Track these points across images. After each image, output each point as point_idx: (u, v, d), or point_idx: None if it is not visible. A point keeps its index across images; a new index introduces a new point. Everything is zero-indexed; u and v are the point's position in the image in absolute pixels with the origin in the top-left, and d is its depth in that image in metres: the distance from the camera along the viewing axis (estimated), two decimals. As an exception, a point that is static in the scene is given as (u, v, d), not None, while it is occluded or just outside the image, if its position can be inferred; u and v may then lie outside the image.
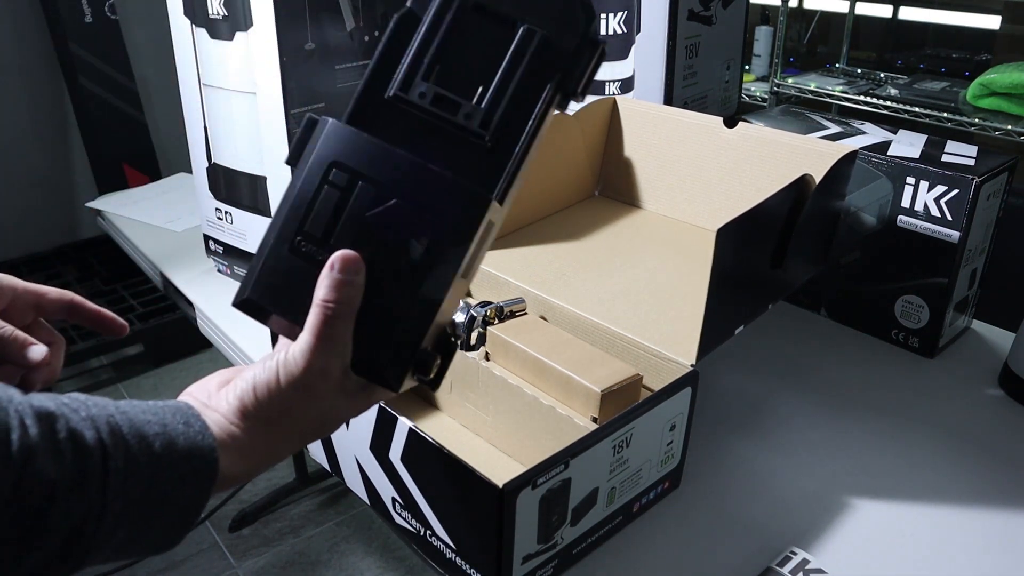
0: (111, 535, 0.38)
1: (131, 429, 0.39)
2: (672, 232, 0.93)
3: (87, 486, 0.36)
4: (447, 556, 0.62)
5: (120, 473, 0.38)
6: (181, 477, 0.40)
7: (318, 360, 0.44)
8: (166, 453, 0.40)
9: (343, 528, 1.84)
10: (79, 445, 0.37)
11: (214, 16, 0.95)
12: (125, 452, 0.38)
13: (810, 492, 0.72)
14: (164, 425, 0.41)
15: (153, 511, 0.40)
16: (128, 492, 0.38)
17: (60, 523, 0.36)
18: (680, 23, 1.00)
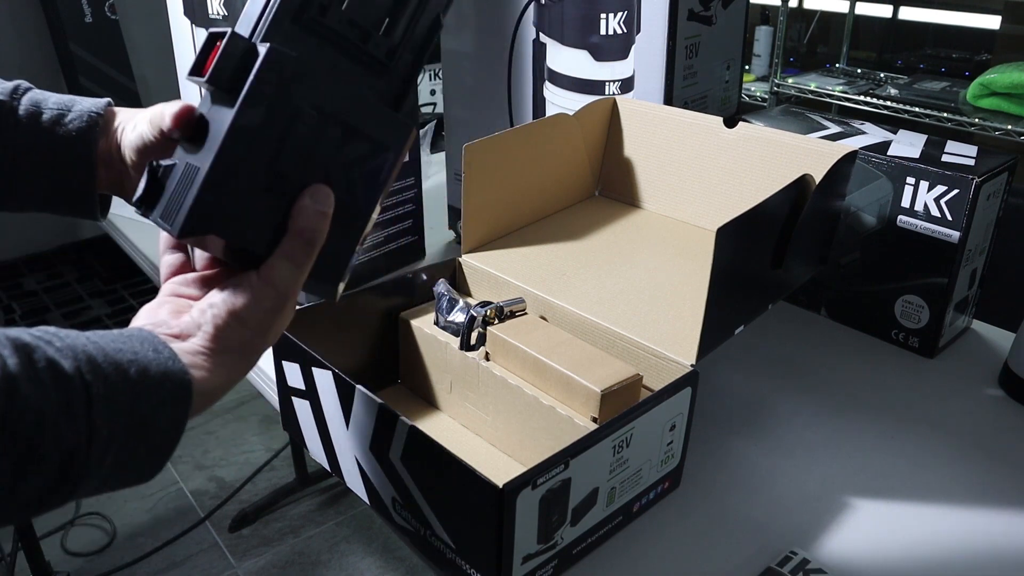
0: (100, 462, 0.38)
1: (105, 358, 0.39)
2: (672, 232, 0.93)
3: (74, 413, 0.37)
4: (447, 556, 0.62)
5: (103, 399, 0.38)
6: (160, 401, 0.41)
7: (295, 286, 0.48)
8: (141, 379, 0.40)
9: (343, 528, 1.84)
10: (59, 374, 0.37)
11: (214, 16, 0.95)
12: (104, 380, 0.39)
13: (810, 492, 0.73)
14: (135, 353, 0.41)
15: (136, 436, 0.40)
16: (112, 418, 0.39)
17: (52, 450, 0.36)
18: (680, 23, 1.01)
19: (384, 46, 0.52)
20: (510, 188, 0.89)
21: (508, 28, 1.02)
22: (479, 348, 0.74)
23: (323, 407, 0.71)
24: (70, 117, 0.59)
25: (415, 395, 0.81)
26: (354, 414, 0.66)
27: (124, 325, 1.23)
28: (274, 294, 0.47)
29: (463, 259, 0.86)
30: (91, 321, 2.12)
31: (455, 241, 1.17)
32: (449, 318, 0.77)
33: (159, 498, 1.92)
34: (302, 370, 0.71)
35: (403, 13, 0.52)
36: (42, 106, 0.60)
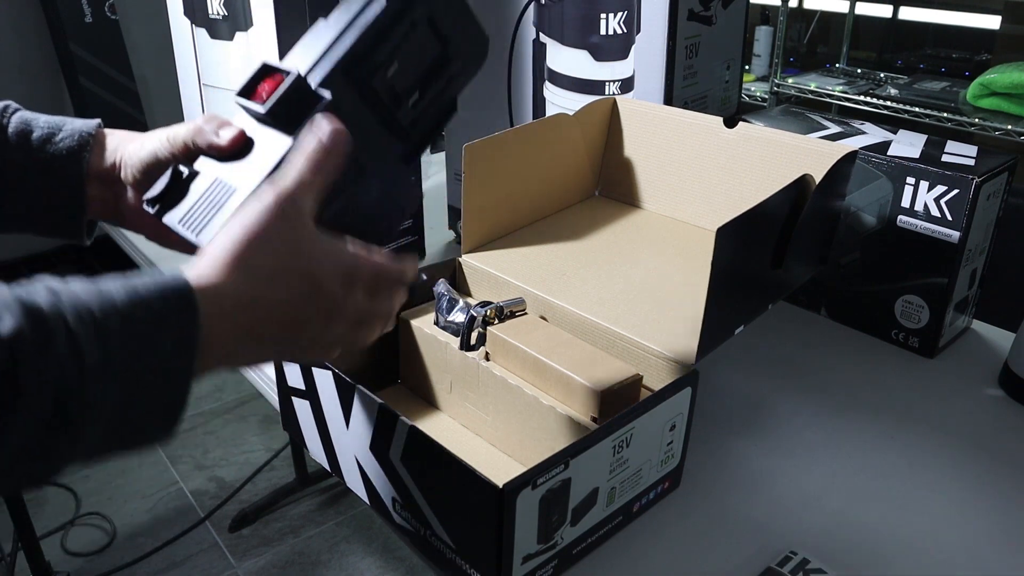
0: (102, 394, 0.36)
1: (84, 286, 0.38)
2: (672, 232, 0.93)
3: (52, 338, 0.35)
4: (447, 556, 0.62)
5: (88, 323, 0.36)
6: (158, 318, 0.38)
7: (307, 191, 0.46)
8: (132, 298, 0.38)
9: (343, 528, 1.84)
10: (27, 305, 0.35)
11: (214, 16, 0.95)
12: (86, 306, 0.37)
13: (810, 492, 0.73)
14: (120, 281, 0.39)
15: (139, 363, 0.38)
16: (105, 340, 0.36)
17: (34, 381, 0.34)
18: (680, 23, 1.00)
19: (409, 116, 0.56)
20: (510, 188, 0.89)
21: (508, 28, 1.02)
22: (479, 348, 0.74)
23: (323, 407, 0.71)
24: (60, 137, 0.58)
25: (415, 395, 0.81)
26: (354, 414, 0.66)
27: (124, 325, 1.17)
28: (270, 192, 0.45)
29: (463, 259, 0.86)
30: (91, 321, 2.12)
31: (455, 241, 1.17)
32: (449, 318, 0.77)
33: (159, 498, 1.92)
34: (302, 370, 0.72)
35: (431, 89, 0.57)
36: (32, 125, 0.59)
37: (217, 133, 0.52)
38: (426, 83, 0.57)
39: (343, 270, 0.47)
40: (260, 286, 0.43)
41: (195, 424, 2.17)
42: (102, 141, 0.60)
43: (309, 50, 0.52)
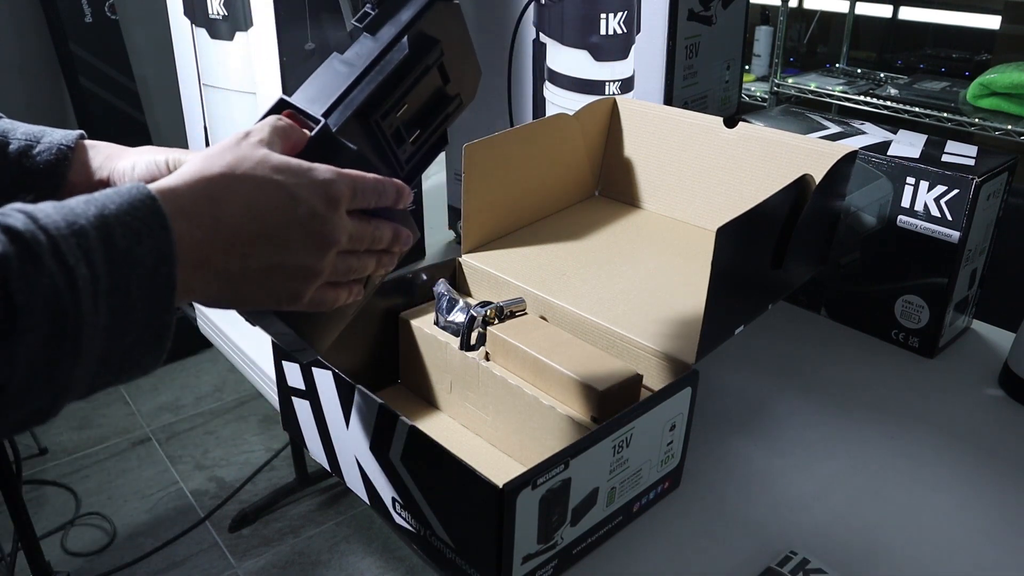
0: (94, 307, 0.37)
1: (56, 207, 0.37)
2: (672, 232, 0.93)
3: (38, 257, 0.35)
4: (447, 556, 0.62)
5: (67, 240, 0.36)
6: (133, 231, 0.38)
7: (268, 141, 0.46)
8: (103, 213, 0.38)
9: (343, 528, 1.84)
10: (8, 229, 0.35)
11: (214, 16, 0.95)
12: (64, 223, 0.37)
13: (810, 492, 0.73)
14: (89, 197, 0.39)
15: (123, 275, 0.38)
16: (88, 254, 0.36)
17: (28, 298, 0.34)
18: (680, 23, 1.00)
19: (407, 152, 0.59)
20: (510, 188, 0.89)
21: (508, 28, 1.02)
22: (479, 348, 0.74)
23: (323, 407, 0.71)
24: (38, 149, 0.56)
25: (415, 395, 0.81)
26: (354, 414, 0.66)
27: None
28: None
29: (463, 259, 0.86)
30: (91, 321, 2.12)
31: (455, 241, 1.17)
32: (449, 318, 0.77)
33: (159, 498, 1.92)
34: (302, 370, 0.72)
35: (431, 126, 0.60)
36: (9, 136, 0.56)
37: None
38: (427, 121, 0.60)
39: (317, 181, 0.46)
40: (219, 187, 0.43)
41: (195, 424, 2.17)
42: (83, 155, 0.57)
43: (326, 91, 0.54)
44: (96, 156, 0.57)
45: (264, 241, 0.44)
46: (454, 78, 0.61)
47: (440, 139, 0.62)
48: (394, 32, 0.56)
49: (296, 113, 0.52)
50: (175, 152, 0.55)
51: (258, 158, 0.45)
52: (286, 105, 0.52)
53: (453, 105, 0.62)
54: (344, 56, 0.56)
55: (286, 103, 0.53)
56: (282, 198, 0.45)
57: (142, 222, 0.39)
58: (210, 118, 1.03)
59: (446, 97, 0.61)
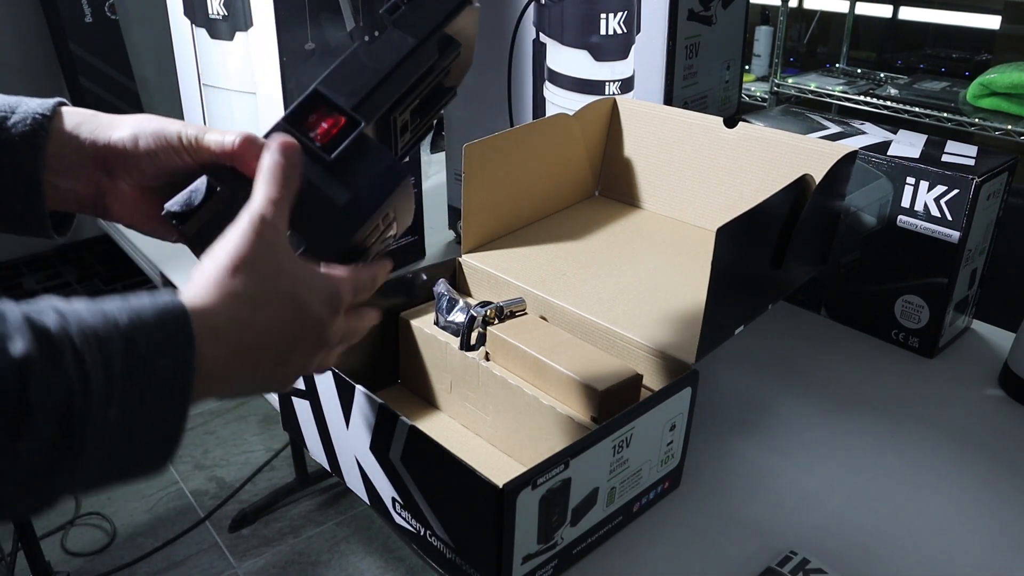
0: (103, 414, 0.37)
1: (90, 308, 0.38)
2: (672, 232, 0.93)
3: (60, 361, 0.35)
4: (447, 556, 0.62)
5: (92, 345, 0.36)
6: (159, 343, 0.39)
7: (271, 210, 0.46)
8: (136, 323, 0.38)
9: (343, 528, 1.84)
10: (37, 327, 0.36)
11: (214, 16, 0.95)
12: (92, 329, 0.37)
13: (810, 492, 0.73)
14: (125, 299, 0.39)
15: (139, 385, 0.38)
16: (108, 363, 0.37)
17: (42, 402, 0.35)
18: (680, 23, 1.00)
19: (404, 141, 0.60)
20: (510, 188, 0.89)
21: (508, 28, 1.02)
22: (479, 348, 0.74)
23: (323, 407, 0.71)
24: (13, 120, 0.52)
25: (415, 395, 0.81)
26: (354, 414, 0.66)
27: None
28: (247, 218, 0.45)
29: (463, 259, 0.86)
30: (91, 321, 2.12)
31: (455, 241, 1.17)
32: (449, 318, 0.77)
33: (159, 498, 1.92)
34: (302, 370, 0.71)
35: (429, 116, 0.61)
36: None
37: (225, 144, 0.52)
38: (426, 112, 0.60)
39: (326, 294, 0.48)
40: (247, 308, 0.44)
41: (195, 424, 2.17)
42: (62, 124, 0.53)
43: (355, 85, 0.53)
44: (82, 124, 0.53)
45: (276, 352, 0.46)
46: (453, 72, 0.61)
47: (429, 128, 0.63)
48: (424, 32, 0.56)
49: (330, 107, 0.52)
50: (180, 125, 0.53)
51: (282, 270, 0.46)
52: (322, 99, 0.52)
53: (448, 97, 0.62)
54: (372, 48, 0.55)
55: (321, 97, 0.52)
56: (297, 313, 0.46)
57: (169, 338, 0.39)
58: (210, 118, 1.03)
59: (444, 89, 0.62)
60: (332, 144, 0.51)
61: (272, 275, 0.45)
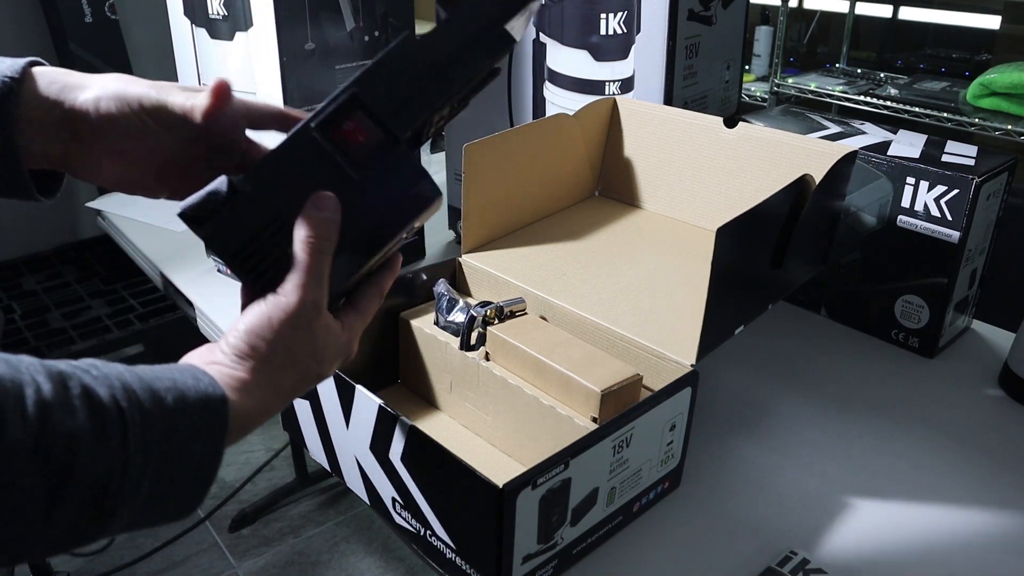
0: (136, 490, 0.38)
1: (142, 385, 0.40)
2: (672, 232, 0.93)
3: (108, 438, 0.37)
4: (447, 556, 0.62)
5: (138, 426, 0.38)
6: (196, 429, 0.41)
7: (310, 295, 0.46)
8: (179, 406, 0.40)
9: (343, 528, 1.84)
10: (93, 401, 0.37)
11: (214, 16, 0.95)
12: (140, 407, 0.39)
13: (810, 492, 0.72)
14: (174, 381, 0.41)
15: (173, 465, 0.40)
16: (147, 445, 0.38)
17: (85, 475, 0.36)
18: (680, 23, 1.00)
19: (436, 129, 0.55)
20: (510, 188, 0.89)
21: (508, 28, 1.02)
22: (479, 348, 0.74)
23: (323, 407, 0.71)
24: None
25: (415, 395, 0.81)
26: (354, 414, 0.66)
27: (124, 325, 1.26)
28: (286, 304, 0.46)
29: (463, 259, 0.86)
30: (91, 321, 2.11)
31: (455, 241, 1.17)
32: (449, 318, 0.77)
33: (159, 498, 1.92)
34: (302, 370, 0.71)
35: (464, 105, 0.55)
36: None
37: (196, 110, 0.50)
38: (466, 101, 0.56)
39: (343, 351, 0.50)
40: (278, 395, 0.47)
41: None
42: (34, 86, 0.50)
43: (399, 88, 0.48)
44: (51, 85, 0.51)
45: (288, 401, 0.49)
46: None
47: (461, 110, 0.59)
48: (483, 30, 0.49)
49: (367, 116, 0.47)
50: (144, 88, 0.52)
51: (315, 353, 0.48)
52: (360, 105, 0.47)
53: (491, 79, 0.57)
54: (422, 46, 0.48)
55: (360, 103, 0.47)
56: (316, 379, 0.49)
57: (206, 424, 0.42)
58: (210, 118, 1.03)
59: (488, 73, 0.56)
60: (366, 163, 0.48)
61: (306, 358, 0.47)
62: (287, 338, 0.46)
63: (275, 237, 0.47)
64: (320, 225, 0.46)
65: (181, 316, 1.43)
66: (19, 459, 0.34)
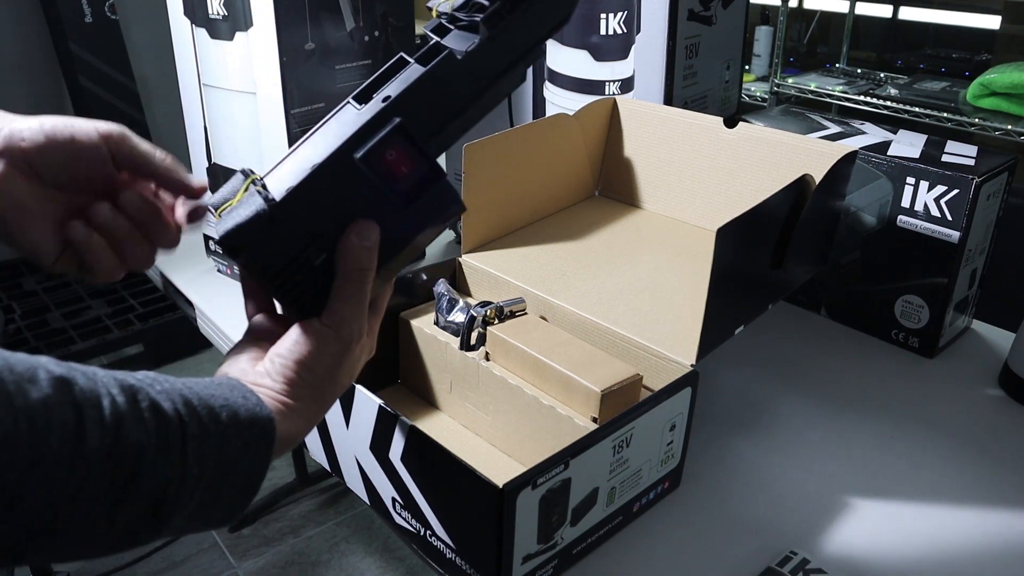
0: (189, 499, 0.41)
1: (200, 401, 0.42)
2: (672, 232, 0.93)
3: (170, 451, 0.39)
4: (447, 556, 0.62)
5: (196, 439, 0.40)
6: (245, 445, 0.43)
7: (356, 324, 0.48)
8: (232, 423, 0.43)
9: (343, 528, 1.84)
10: (160, 414, 0.39)
11: (214, 16, 0.95)
12: (198, 421, 0.41)
13: (810, 492, 0.72)
14: (226, 398, 0.43)
15: (223, 477, 0.42)
16: (203, 458, 0.41)
17: (148, 484, 0.38)
18: (680, 23, 1.00)
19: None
20: (510, 188, 0.89)
21: (508, 28, 1.02)
22: (479, 348, 0.74)
23: (323, 407, 0.71)
24: None
25: (415, 395, 0.81)
26: (354, 414, 0.66)
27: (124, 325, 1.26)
28: (335, 337, 0.47)
29: (463, 259, 0.86)
30: (91, 321, 2.11)
31: (455, 241, 1.17)
32: (449, 318, 0.77)
33: (159, 498, 1.92)
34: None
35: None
36: None
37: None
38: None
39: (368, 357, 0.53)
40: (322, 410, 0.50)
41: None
42: None
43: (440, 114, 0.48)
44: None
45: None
46: None
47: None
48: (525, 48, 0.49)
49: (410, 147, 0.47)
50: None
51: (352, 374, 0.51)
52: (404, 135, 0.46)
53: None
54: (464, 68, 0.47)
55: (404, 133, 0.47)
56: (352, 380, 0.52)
57: (254, 441, 0.44)
58: (210, 118, 1.03)
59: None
60: (409, 191, 0.48)
61: (345, 378, 0.50)
62: (333, 367, 0.48)
63: (313, 263, 0.48)
64: (363, 255, 0.48)
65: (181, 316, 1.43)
66: (94, 465, 0.36)
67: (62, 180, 0.50)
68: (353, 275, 0.48)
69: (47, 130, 0.49)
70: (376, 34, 1.01)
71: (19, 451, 0.34)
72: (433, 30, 0.50)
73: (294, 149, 0.50)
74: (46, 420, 0.35)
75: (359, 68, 1.01)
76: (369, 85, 0.49)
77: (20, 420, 0.34)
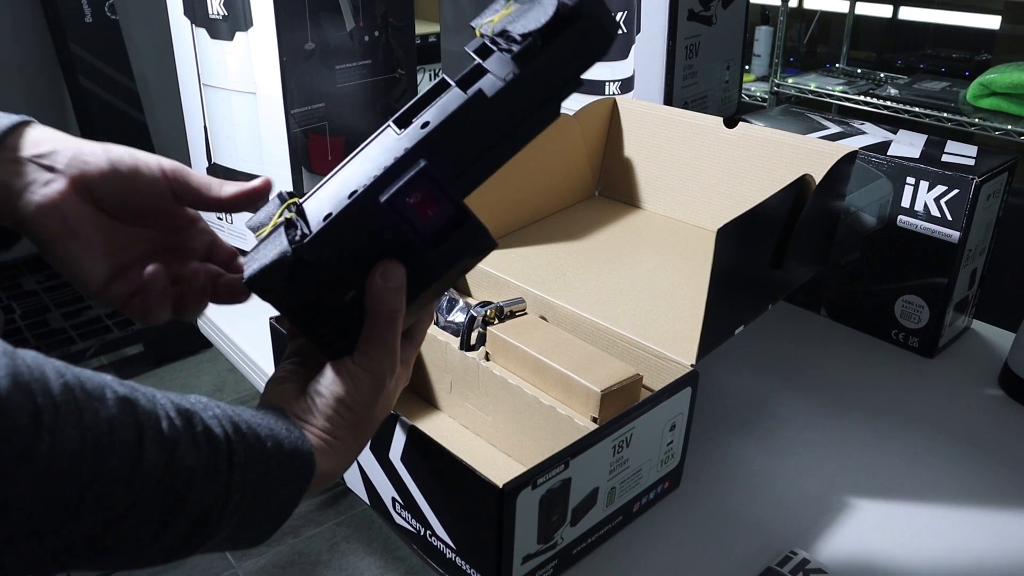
0: (228, 522, 0.42)
1: (248, 429, 0.43)
2: (672, 232, 0.93)
3: (218, 476, 0.40)
4: (447, 556, 0.62)
5: (242, 467, 0.41)
6: (286, 476, 0.44)
7: (389, 363, 0.48)
8: (275, 453, 0.43)
9: (343, 528, 1.84)
10: (212, 439, 0.40)
11: (214, 16, 0.95)
12: (246, 449, 0.42)
13: (810, 492, 0.73)
14: (272, 428, 0.44)
15: (260, 505, 0.43)
16: (246, 485, 0.42)
17: (194, 506, 0.39)
18: (680, 23, 1.00)
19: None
20: (510, 188, 0.89)
21: (508, 28, 1.02)
22: (479, 348, 0.74)
23: (323, 407, 0.71)
24: None
25: (415, 395, 0.81)
26: (354, 414, 0.66)
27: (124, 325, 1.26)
28: (370, 379, 0.48)
29: (463, 259, 0.86)
30: (91, 321, 2.11)
31: (455, 241, 1.17)
32: (449, 318, 0.77)
33: (159, 498, 1.92)
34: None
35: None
36: None
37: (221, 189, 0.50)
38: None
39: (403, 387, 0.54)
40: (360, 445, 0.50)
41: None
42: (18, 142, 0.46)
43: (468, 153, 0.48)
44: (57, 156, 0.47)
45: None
46: None
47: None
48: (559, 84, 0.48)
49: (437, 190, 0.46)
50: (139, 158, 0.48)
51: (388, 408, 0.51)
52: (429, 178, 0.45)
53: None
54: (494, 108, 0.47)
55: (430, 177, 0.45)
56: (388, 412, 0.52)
57: (295, 473, 0.45)
58: (210, 118, 1.03)
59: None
60: (435, 234, 0.47)
61: (382, 413, 0.50)
62: (370, 406, 0.49)
63: (342, 300, 0.48)
64: (389, 296, 0.47)
65: (181, 316, 1.43)
66: (149, 484, 0.37)
67: (123, 211, 0.49)
68: (382, 316, 0.47)
69: (112, 158, 0.47)
70: (376, 34, 1.01)
71: (84, 468, 0.34)
72: (476, 51, 0.49)
73: (335, 172, 0.49)
74: (110, 439, 0.36)
75: (359, 68, 1.01)
76: (411, 108, 0.49)
77: (87, 439, 0.35)
